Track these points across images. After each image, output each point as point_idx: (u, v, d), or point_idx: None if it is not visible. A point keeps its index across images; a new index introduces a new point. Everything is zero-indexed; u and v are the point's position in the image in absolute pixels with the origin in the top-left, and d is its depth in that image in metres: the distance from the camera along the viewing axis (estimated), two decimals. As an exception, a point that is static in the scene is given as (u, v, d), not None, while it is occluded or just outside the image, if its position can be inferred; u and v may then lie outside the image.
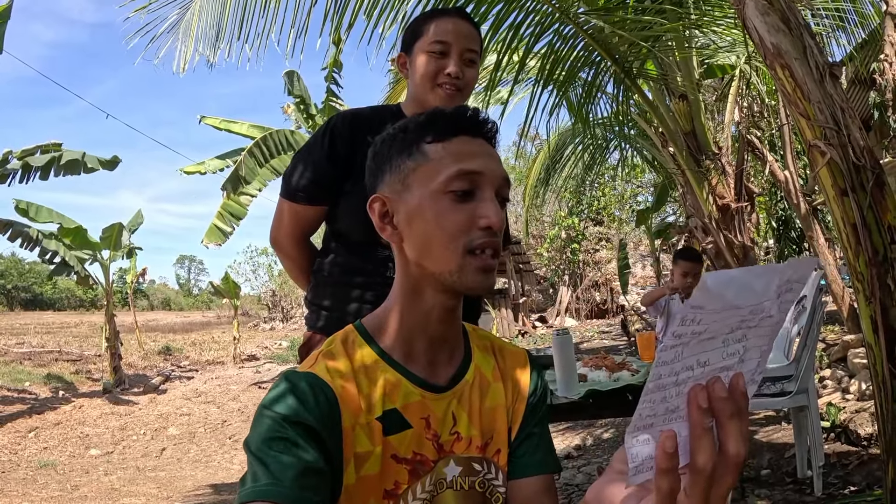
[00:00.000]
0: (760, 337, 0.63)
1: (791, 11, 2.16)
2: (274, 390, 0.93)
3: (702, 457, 0.58)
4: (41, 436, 8.49)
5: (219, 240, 10.51)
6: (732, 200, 5.30)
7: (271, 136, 9.89)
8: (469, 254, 0.96)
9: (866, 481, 3.43)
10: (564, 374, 2.48)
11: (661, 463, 0.58)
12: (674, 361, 0.58)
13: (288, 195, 1.85)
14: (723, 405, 0.59)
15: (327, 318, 1.84)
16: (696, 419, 0.59)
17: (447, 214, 0.96)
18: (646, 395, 0.59)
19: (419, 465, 0.99)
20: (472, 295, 1.01)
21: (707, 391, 0.59)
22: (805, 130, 2.20)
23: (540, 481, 1.07)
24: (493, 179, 0.99)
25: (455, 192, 0.96)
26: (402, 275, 1.03)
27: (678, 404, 0.60)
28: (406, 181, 1.00)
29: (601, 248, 23.84)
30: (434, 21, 1.78)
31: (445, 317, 1.03)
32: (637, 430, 0.60)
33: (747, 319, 0.60)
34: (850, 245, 2.20)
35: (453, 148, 0.99)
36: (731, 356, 0.61)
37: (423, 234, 0.98)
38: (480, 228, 0.96)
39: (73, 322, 31.74)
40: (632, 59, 4.73)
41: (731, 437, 0.59)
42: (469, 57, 1.78)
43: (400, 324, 1.03)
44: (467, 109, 1.02)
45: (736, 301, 0.57)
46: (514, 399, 1.11)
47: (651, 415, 0.60)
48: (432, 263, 0.98)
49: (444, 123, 1.00)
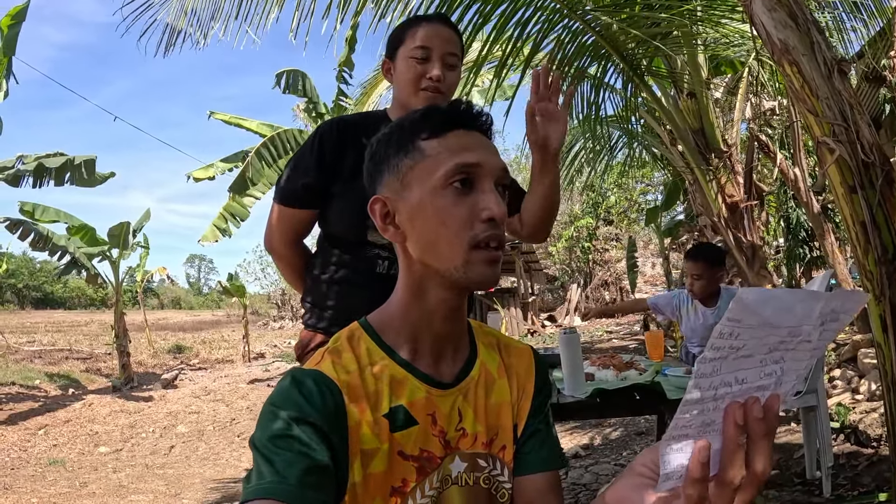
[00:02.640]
0: (797, 361, 0.65)
1: (798, 7, 2.13)
2: (279, 387, 0.93)
3: (732, 471, 0.62)
4: (51, 433, 8.54)
5: (214, 238, 10.66)
6: (741, 199, 5.27)
7: (279, 136, 9.91)
8: (474, 248, 0.95)
9: (875, 483, 3.40)
10: (571, 373, 2.47)
11: (695, 472, 0.61)
12: (713, 375, 0.60)
13: (281, 200, 1.90)
14: (757, 425, 0.62)
15: (322, 316, 1.89)
16: (731, 435, 0.62)
17: (449, 210, 0.96)
18: (684, 406, 0.61)
19: (426, 462, 0.99)
20: (480, 289, 1.01)
21: (744, 410, 0.62)
22: (813, 127, 2.18)
23: (545, 478, 1.07)
24: (491, 170, 0.98)
25: (455, 186, 0.96)
26: (406, 273, 1.03)
27: (714, 418, 0.62)
28: (405, 180, 0.99)
29: (611, 248, 23.76)
30: (416, 27, 1.84)
31: (450, 314, 1.02)
32: (672, 439, 0.62)
33: (786, 341, 0.62)
34: (859, 243, 2.17)
35: (449, 142, 0.98)
36: (768, 376, 0.63)
37: (426, 232, 0.98)
38: (483, 221, 0.95)
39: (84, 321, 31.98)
40: (640, 56, 4.70)
41: (759, 456, 0.63)
42: (450, 61, 1.83)
43: (405, 321, 1.03)
44: (461, 103, 1.02)
45: (773, 320, 0.58)
46: (519, 396, 1.11)
47: (687, 425, 0.62)
48: (437, 260, 0.97)
49: (438, 119, 1.00)
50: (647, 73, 5.06)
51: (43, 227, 10.94)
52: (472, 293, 1.30)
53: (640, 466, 0.70)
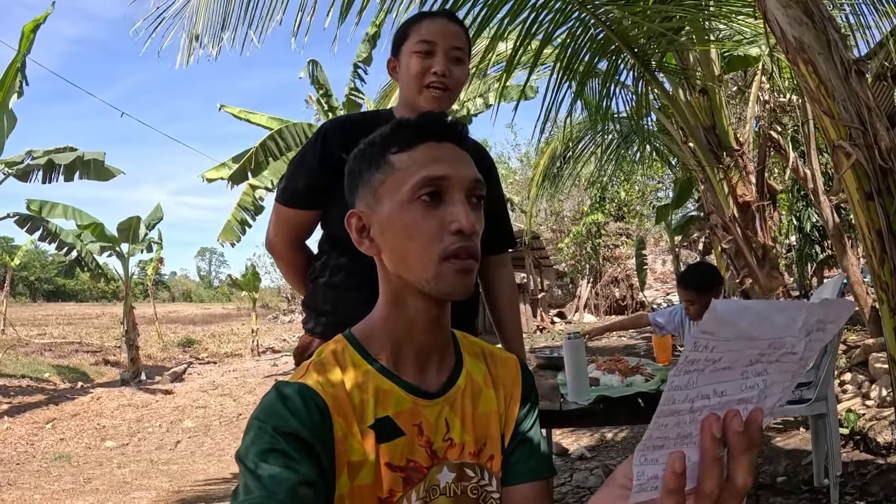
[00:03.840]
0: (783, 373, 0.63)
1: (814, 3, 2.05)
2: (265, 402, 0.93)
3: (709, 484, 0.60)
4: (58, 427, 8.57)
5: (234, 237, 10.68)
6: (753, 198, 5.20)
7: (288, 128, 9.93)
8: (444, 260, 0.95)
9: (884, 492, 3.34)
10: (575, 379, 2.41)
11: (670, 482, 0.59)
12: (688, 387, 0.58)
13: (283, 200, 1.86)
14: (737, 439, 0.60)
15: (322, 321, 1.84)
16: (707, 448, 0.60)
17: (417, 223, 0.96)
18: (658, 418, 0.59)
19: (413, 473, 0.99)
20: (452, 300, 1.01)
21: (723, 423, 0.60)
22: (829, 129, 2.10)
23: (533, 487, 1.08)
24: (461, 182, 0.98)
25: (423, 199, 0.96)
26: (385, 285, 1.04)
27: (691, 430, 0.61)
28: (377, 194, 1.00)
29: (621, 245, 23.63)
30: (420, 23, 1.81)
31: (430, 326, 1.03)
32: (646, 450, 0.60)
33: (766, 353, 0.59)
34: (874, 252, 2.09)
35: (418, 156, 0.98)
36: (750, 389, 0.61)
37: (397, 246, 0.99)
38: (452, 233, 0.95)
39: (95, 313, 32.17)
40: (651, 51, 4.63)
41: (740, 469, 0.61)
42: (455, 55, 1.79)
43: (387, 333, 1.03)
44: (431, 115, 1.03)
45: (751, 332, 0.56)
46: (506, 405, 1.12)
47: (662, 437, 0.60)
48: (409, 273, 0.98)
49: (408, 132, 1.01)
50: (659, 69, 4.98)
51: (51, 223, 10.97)
52: (467, 302, 1.27)
53: (621, 477, 0.69)
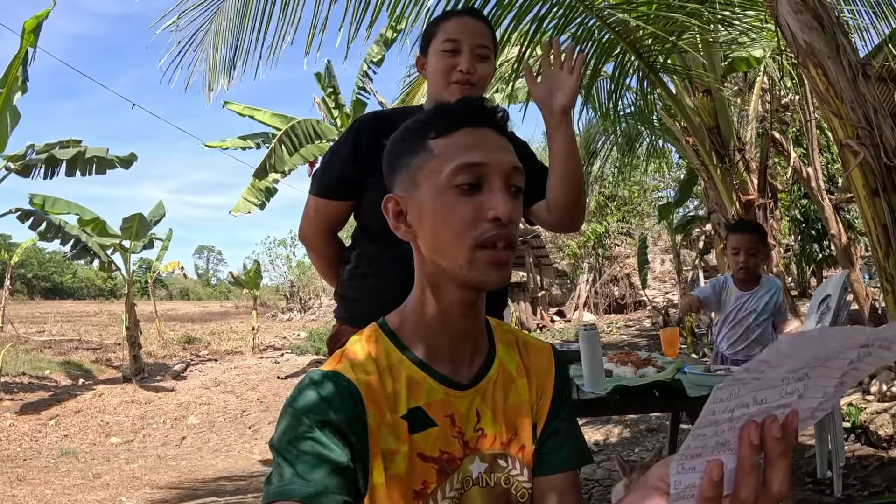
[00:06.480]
0: (826, 377, 0.62)
1: (824, 9, 2.13)
2: (299, 389, 0.94)
3: (745, 491, 0.60)
4: (62, 423, 8.59)
5: (245, 209, 11.13)
6: (756, 197, 5.27)
7: (300, 124, 10.36)
8: (479, 248, 0.94)
9: (886, 483, 3.41)
10: (592, 370, 2.44)
11: (707, 490, 0.59)
12: (729, 399, 0.58)
13: (316, 192, 1.92)
14: (775, 445, 0.60)
15: (354, 309, 1.89)
16: (746, 455, 0.60)
17: (454, 209, 0.95)
18: (696, 430, 0.59)
19: (447, 464, 0.99)
20: (486, 289, 1.00)
21: (762, 429, 0.60)
22: (837, 129, 2.18)
23: (564, 478, 1.07)
24: (499, 169, 0.97)
25: (460, 185, 0.95)
26: (421, 272, 1.03)
27: (729, 438, 0.60)
28: (415, 179, 0.99)
29: (622, 243, 23.65)
30: (446, 21, 1.85)
31: (466, 311, 1.01)
32: (684, 459, 0.60)
33: (813, 365, 0.59)
34: (879, 246, 2.18)
35: (456, 141, 0.97)
36: (789, 395, 0.61)
37: (433, 231, 0.98)
38: (489, 221, 0.94)
39: (93, 311, 32.09)
40: (656, 53, 4.70)
41: (777, 475, 0.61)
42: (481, 52, 1.82)
43: (421, 320, 1.03)
44: (470, 101, 1.02)
45: (806, 357, 0.57)
46: (538, 395, 1.10)
47: (700, 446, 0.60)
48: (444, 259, 0.97)
49: (446, 117, 1.00)
50: (663, 70, 5.05)
51: (54, 218, 10.98)
52: (496, 292, 1.29)
53: (654, 480, 0.68)
